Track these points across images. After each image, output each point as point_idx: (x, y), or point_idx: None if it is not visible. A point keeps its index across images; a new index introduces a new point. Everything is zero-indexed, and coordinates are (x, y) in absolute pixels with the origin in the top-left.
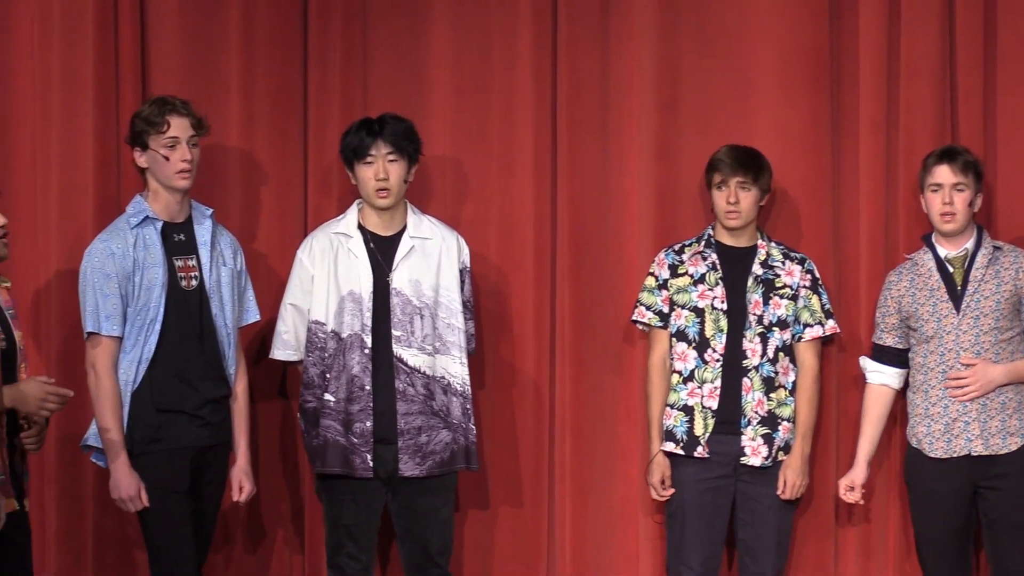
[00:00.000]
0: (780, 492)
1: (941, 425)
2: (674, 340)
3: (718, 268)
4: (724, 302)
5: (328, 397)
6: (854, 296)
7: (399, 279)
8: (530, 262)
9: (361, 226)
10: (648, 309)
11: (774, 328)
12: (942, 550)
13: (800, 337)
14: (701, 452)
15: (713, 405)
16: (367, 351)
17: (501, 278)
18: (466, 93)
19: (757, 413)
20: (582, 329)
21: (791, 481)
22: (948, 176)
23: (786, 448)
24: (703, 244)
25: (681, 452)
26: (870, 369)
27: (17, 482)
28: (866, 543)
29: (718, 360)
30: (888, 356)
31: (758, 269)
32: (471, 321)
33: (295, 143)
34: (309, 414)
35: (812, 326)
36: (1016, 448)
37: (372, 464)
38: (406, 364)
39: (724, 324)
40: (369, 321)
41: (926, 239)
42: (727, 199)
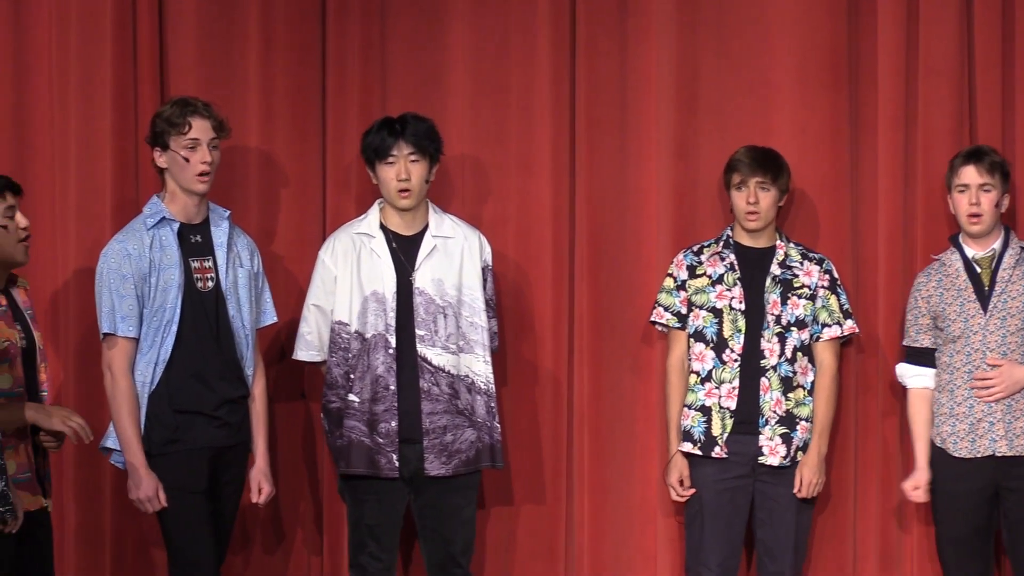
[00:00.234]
0: (796, 490)
1: (966, 425)
2: (692, 340)
3: (736, 269)
4: (742, 302)
5: (352, 398)
6: (872, 296)
7: (422, 278)
8: (548, 261)
9: (383, 226)
10: (666, 310)
11: (792, 328)
12: (964, 550)
13: (818, 337)
14: (719, 452)
15: (731, 405)
16: (391, 351)
17: (519, 277)
18: (484, 93)
19: (775, 413)
20: (600, 329)
21: (807, 479)
22: (975, 177)
23: (804, 448)
24: (721, 245)
25: (699, 452)
26: (911, 374)
27: (40, 481)
28: (885, 544)
29: (736, 360)
30: (926, 357)
31: (776, 269)
32: (494, 319)
33: (313, 143)
34: (333, 414)
35: (830, 326)
36: None
37: (397, 464)
38: (430, 363)
39: (742, 324)
40: (393, 321)
41: (953, 239)
42: (747, 199)
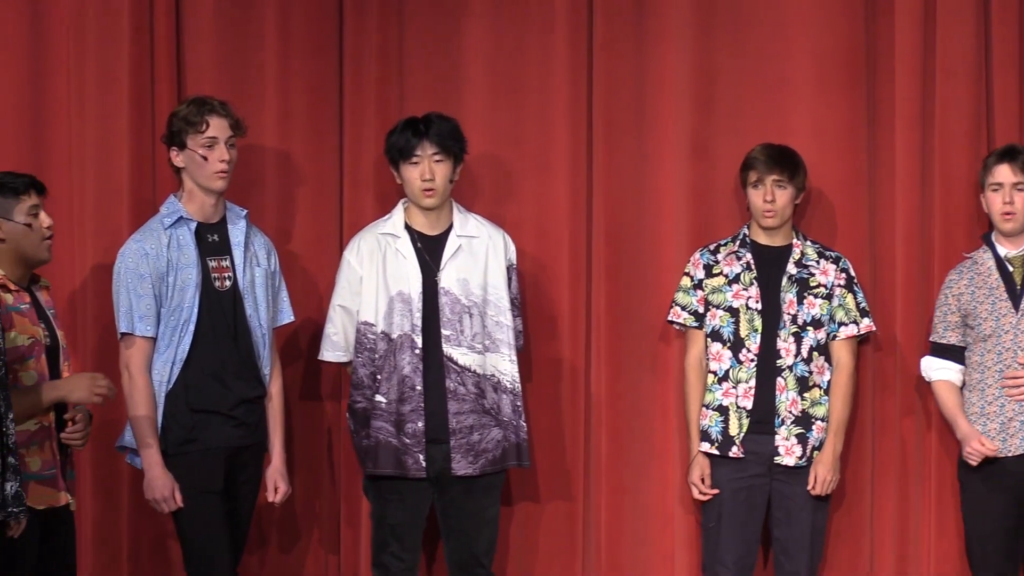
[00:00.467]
0: (811, 488)
1: (997, 424)
2: (709, 340)
3: (753, 268)
4: (759, 302)
5: (379, 398)
6: (890, 294)
7: (447, 278)
8: (566, 261)
9: (408, 226)
10: (683, 309)
11: (808, 328)
12: (992, 549)
13: (835, 336)
14: (736, 452)
15: (748, 405)
16: (417, 351)
17: (537, 277)
18: (502, 93)
19: (791, 413)
20: (618, 328)
21: (822, 476)
22: (1008, 175)
23: (820, 447)
24: (738, 244)
25: (716, 452)
26: (935, 367)
27: (64, 478)
28: (901, 543)
29: (752, 360)
30: (951, 354)
31: (792, 269)
32: (519, 318)
33: (331, 143)
34: (359, 414)
35: (847, 325)
36: None
37: (424, 464)
38: (456, 363)
39: (759, 324)
40: (419, 321)
41: (986, 238)
42: (763, 198)
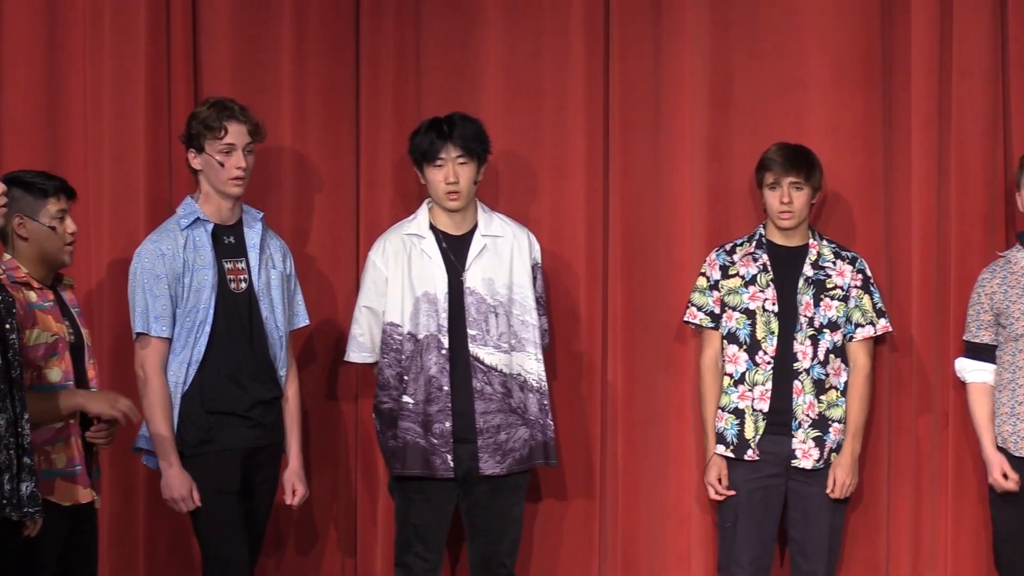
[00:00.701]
0: (830, 491)
1: None
2: (725, 342)
3: (769, 270)
4: (775, 304)
5: (407, 399)
6: (906, 295)
7: (472, 278)
8: (582, 262)
9: (432, 226)
10: (699, 310)
11: (824, 330)
12: (1021, 549)
13: (852, 337)
14: (751, 455)
15: (764, 407)
16: (444, 351)
17: (554, 277)
18: (518, 94)
19: (808, 416)
20: (634, 328)
21: (841, 480)
22: None
23: (838, 449)
24: (754, 244)
25: (732, 455)
26: (970, 368)
27: (90, 475)
28: (917, 543)
29: (769, 363)
30: (986, 353)
31: (809, 270)
32: (544, 317)
33: (347, 144)
34: (385, 415)
35: (864, 326)
36: None
37: (452, 464)
38: (483, 363)
39: (775, 326)
40: (445, 322)
41: (1020, 237)
42: (780, 199)
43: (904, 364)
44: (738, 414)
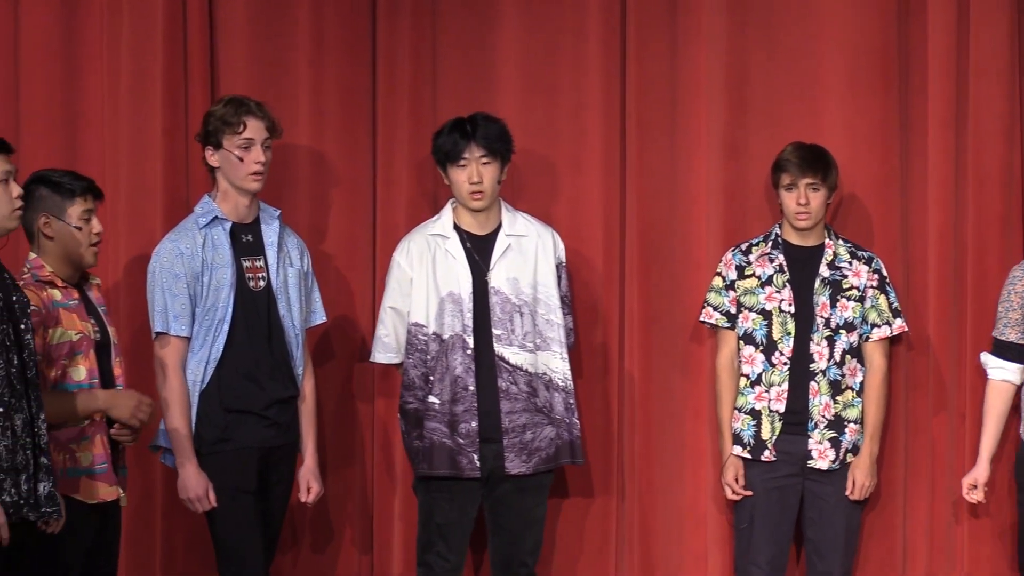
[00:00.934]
0: (848, 492)
1: None
2: (741, 343)
3: (785, 270)
4: (791, 305)
5: (432, 399)
6: (922, 295)
7: (497, 278)
8: (599, 261)
9: (456, 226)
10: (715, 310)
11: (841, 331)
12: None
13: (868, 337)
14: (768, 456)
15: (780, 408)
16: (469, 351)
17: (570, 277)
18: (534, 93)
19: (824, 417)
20: (650, 328)
21: (859, 482)
22: None
23: (854, 450)
24: (770, 245)
25: (748, 456)
26: (992, 365)
27: (116, 472)
28: (933, 543)
29: (785, 363)
30: (1012, 352)
31: (825, 271)
32: (569, 316)
33: (364, 143)
34: (411, 415)
35: (880, 326)
36: None
37: (479, 464)
38: (508, 362)
39: (791, 327)
40: (470, 322)
41: None
42: (797, 200)
43: (921, 364)
44: (755, 415)
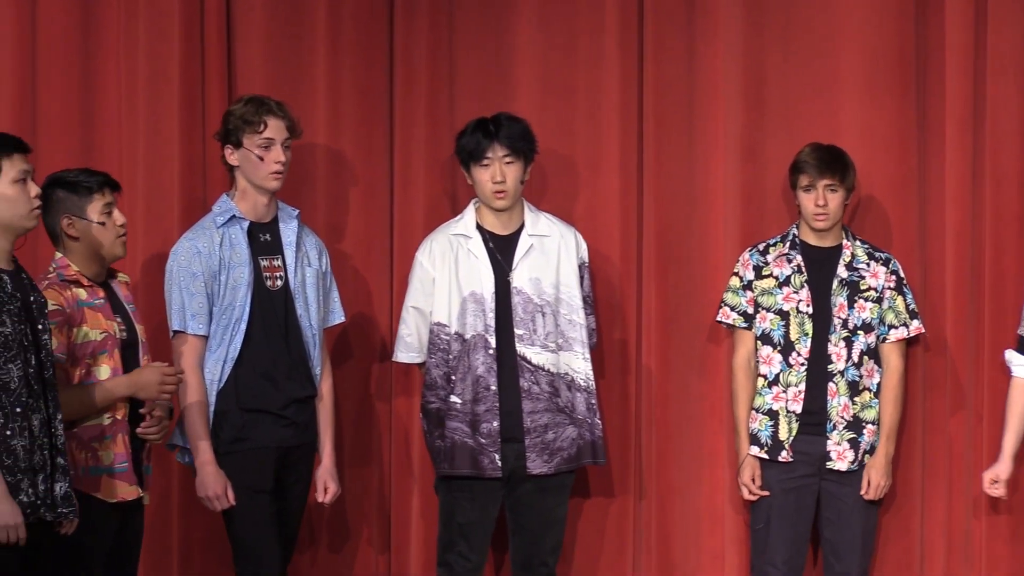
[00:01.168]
0: (864, 493)
1: None
2: (759, 343)
3: (803, 271)
4: (809, 305)
5: (454, 399)
6: (940, 296)
7: (519, 278)
8: (616, 261)
9: (479, 226)
10: (732, 310)
11: (858, 332)
12: None
13: (885, 338)
14: (785, 456)
15: (797, 409)
16: (491, 351)
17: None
18: (552, 93)
19: (843, 418)
20: (668, 328)
21: (875, 482)
22: None
23: (871, 451)
24: (788, 245)
25: (765, 456)
26: (1016, 363)
27: (139, 473)
28: (951, 544)
29: (803, 364)
30: None
31: (843, 272)
32: (592, 316)
33: (381, 143)
34: (432, 415)
35: (897, 327)
36: None
37: (500, 464)
38: (530, 362)
39: (809, 328)
40: (492, 321)
41: None
42: (815, 202)
43: (938, 364)
44: (772, 415)
